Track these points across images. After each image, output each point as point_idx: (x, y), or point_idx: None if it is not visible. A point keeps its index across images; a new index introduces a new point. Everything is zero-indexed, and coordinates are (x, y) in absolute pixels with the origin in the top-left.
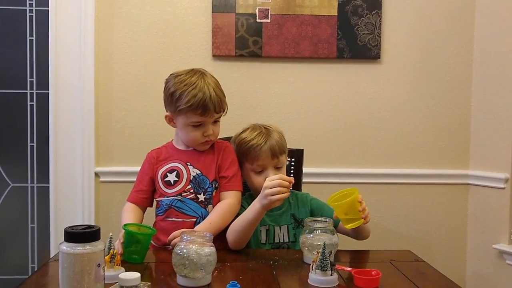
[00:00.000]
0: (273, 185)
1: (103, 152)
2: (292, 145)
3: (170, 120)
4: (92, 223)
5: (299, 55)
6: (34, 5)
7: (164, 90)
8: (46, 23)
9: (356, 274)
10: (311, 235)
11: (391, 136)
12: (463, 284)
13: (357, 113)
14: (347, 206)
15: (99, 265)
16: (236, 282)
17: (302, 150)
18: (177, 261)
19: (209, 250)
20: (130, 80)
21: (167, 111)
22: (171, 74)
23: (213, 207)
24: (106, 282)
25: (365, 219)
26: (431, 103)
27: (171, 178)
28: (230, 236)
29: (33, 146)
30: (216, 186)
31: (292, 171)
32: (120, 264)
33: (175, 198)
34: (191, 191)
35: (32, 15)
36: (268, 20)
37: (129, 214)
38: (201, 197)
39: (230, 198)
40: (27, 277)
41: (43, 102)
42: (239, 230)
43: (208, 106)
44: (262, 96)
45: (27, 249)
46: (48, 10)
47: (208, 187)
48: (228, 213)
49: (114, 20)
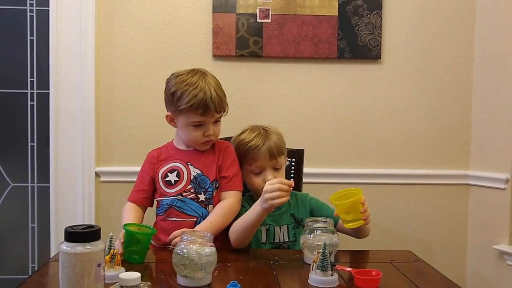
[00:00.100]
0: (272, 189)
1: (103, 152)
2: (292, 145)
3: (171, 120)
4: (93, 223)
5: (300, 55)
6: (34, 5)
7: (165, 90)
8: (46, 23)
9: (357, 275)
10: (312, 235)
11: (391, 137)
12: (463, 284)
13: (357, 113)
14: (349, 206)
15: (99, 265)
16: (236, 282)
17: (303, 150)
18: (177, 261)
19: (209, 250)
20: (130, 80)
21: (168, 111)
22: (172, 74)
23: (213, 207)
24: (106, 282)
25: (365, 221)
26: (432, 103)
27: (172, 178)
28: (233, 236)
29: (33, 146)
30: (217, 186)
31: (292, 171)
32: (120, 264)
33: (175, 198)
34: (192, 191)
35: (33, 15)
36: (269, 20)
37: (129, 214)
38: (201, 197)
39: (230, 198)
40: (27, 277)
41: (44, 102)
42: (241, 231)
43: (209, 106)
44: (263, 96)
45: (27, 248)
46: (48, 10)
47: (209, 187)
48: (229, 213)
49: (115, 20)
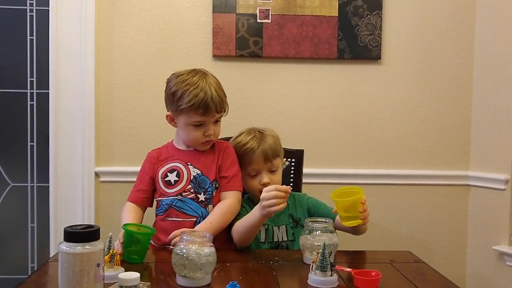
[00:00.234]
0: (269, 196)
1: (103, 152)
2: (292, 145)
3: (171, 120)
4: (92, 223)
5: (300, 55)
6: (34, 4)
7: (165, 90)
8: (46, 23)
9: (356, 275)
10: (311, 236)
11: (391, 137)
12: (463, 285)
13: (357, 113)
14: (349, 204)
15: (98, 265)
16: (235, 283)
17: (302, 150)
18: (176, 261)
19: (208, 250)
20: (130, 80)
21: (168, 111)
22: (173, 74)
23: (213, 207)
24: (105, 282)
25: (363, 220)
26: (432, 104)
27: (172, 178)
28: (235, 236)
29: (33, 145)
30: (217, 186)
31: (292, 171)
32: (120, 264)
33: (175, 198)
34: (192, 191)
35: (33, 15)
36: (269, 21)
37: (129, 214)
38: (201, 197)
39: (230, 198)
40: (26, 276)
41: (43, 101)
42: (242, 232)
43: (210, 106)
44: (263, 96)
45: (26, 248)
46: (48, 9)
47: (209, 187)
48: (228, 213)
49: (115, 20)
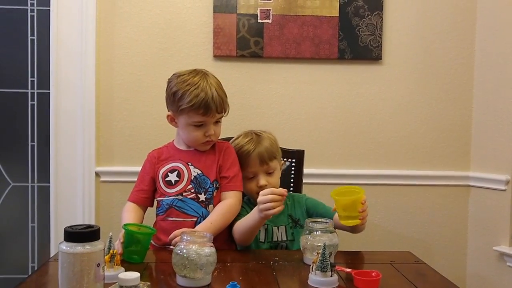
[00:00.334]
0: (265, 200)
1: (103, 152)
2: (292, 145)
3: (172, 120)
4: (92, 223)
5: (300, 56)
6: (35, 4)
7: (166, 90)
8: (47, 23)
9: (356, 275)
10: (311, 236)
11: (392, 137)
12: (463, 286)
13: (358, 114)
14: (348, 203)
15: (98, 264)
16: (236, 283)
17: (303, 151)
18: (177, 261)
19: (209, 250)
20: (131, 80)
21: (169, 111)
22: (174, 74)
23: (214, 207)
24: (105, 282)
25: (361, 220)
26: (432, 104)
27: (172, 178)
28: (235, 235)
29: (33, 145)
30: (217, 186)
31: (292, 172)
32: (120, 264)
33: (175, 197)
34: (192, 191)
35: (34, 15)
36: (270, 21)
37: (129, 214)
38: (201, 197)
39: (231, 198)
40: (27, 276)
41: (44, 101)
42: (242, 232)
43: (210, 106)
44: (263, 96)
45: (27, 248)
46: (49, 9)
47: (209, 187)
48: (229, 213)
49: (115, 20)
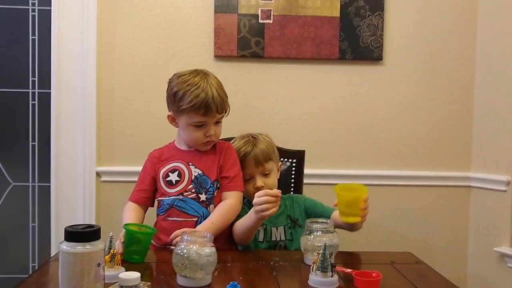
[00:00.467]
0: (260, 202)
1: (104, 151)
2: (293, 146)
3: (173, 120)
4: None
5: (301, 56)
6: (36, 4)
7: (167, 90)
8: (48, 23)
9: (357, 276)
10: (312, 236)
11: (392, 138)
12: (464, 286)
13: (358, 114)
14: (351, 199)
15: (99, 264)
16: (236, 283)
17: (304, 151)
18: (177, 261)
19: (209, 250)
20: (132, 80)
21: (169, 111)
22: (175, 74)
23: (214, 207)
24: (106, 282)
25: (362, 218)
26: (433, 105)
27: (173, 177)
28: (235, 236)
29: (34, 145)
30: (218, 186)
31: (293, 172)
32: (120, 263)
33: (176, 197)
34: (193, 191)
35: (35, 15)
36: (270, 21)
37: (130, 213)
38: (202, 197)
39: (231, 198)
40: (27, 276)
41: (45, 101)
42: (241, 233)
43: (211, 107)
44: (264, 97)
45: (27, 248)
46: (50, 9)
47: (210, 187)
48: (230, 213)
49: (117, 20)
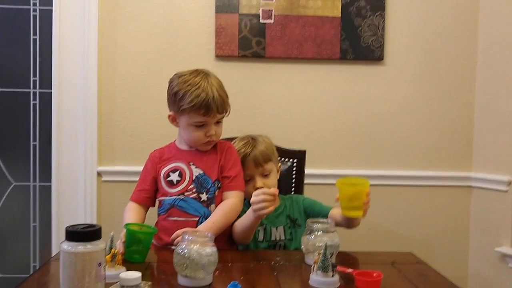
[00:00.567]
0: (257, 200)
1: (105, 151)
2: (294, 146)
3: (173, 120)
4: (94, 223)
5: (302, 56)
6: (38, 4)
7: (167, 90)
8: (49, 23)
9: (358, 276)
10: (313, 236)
11: (393, 138)
12: (465, 286)
13: (359, 114)
14: (353, 193)
15: (100, 264)
16: (237, 283)
17: (305, 151)
18: (178, 261)
19: (210, 250)
20: (133, 80)
21: (170, 111)
22: (175, 74)
23: (215, 206)
24: (107, 282)
25: (364, 212)
26: (434, 105)
27: (174, 177)
28: (234, 235)
29: (35, 145)
30: (219, 186)
31: (294, 172)
32: (121, 263)
33: (177, 197)
34: (194, 190)
35: (36, 15)
36: (272, 21)
37: (131, 213)
38: (203, 196)
39: (232, 198)
40: (28, 275)
41: (46, 101)
42: (240, 232)
43: (211, 107)
44: (265, 97)
45: (29, 247)
46: (52, 9)
47: (211, 186)
48: (231, 213)
49: (118, 20)
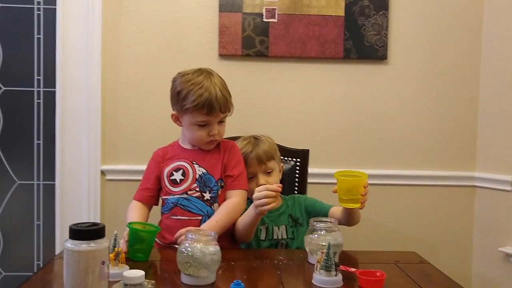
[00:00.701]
0: (260, 196)
1: (109, 150)
2: (297, 145)
3: (176, 119)
4: (98, 221)
5: (306, 55)
6: (42, 3)
7: (171, 89)
8: (53, 22)
9: (361, 275)
10: (316, 236)
11: (397, 137)
12: (468, 286)
13: (363, 113)
14: (351, 185)
15: (103, 262)
16: (240, 282)
17: (308, 150)
18: (181, 259)
19: (213, 249)
20: (136, 78)
21: (173, 110)
22: (178, 73)
23: (218, 205)
24: (110, 280)
25: (362, 204)
26: (438, 104)
27: (177, 176)
28: (236, 233)
29: (39, 143)
30: (222, 185)
31: (297, 171)
32: (125, 262)
33: (180, 196)
34: (197, 189)
35: (40, 14)
36: (275, 20)
37: (134, 212)
38: (206, 195)
39: (236, 196)
40: (32, 273)
41: (50, 100)
42: (241, 229)
43: (214, 106)
44: (268, 96)
45: (32, 246)
46: (55, 8)
47: (214, 185)
48: (234, 211)
49: (121, 18)
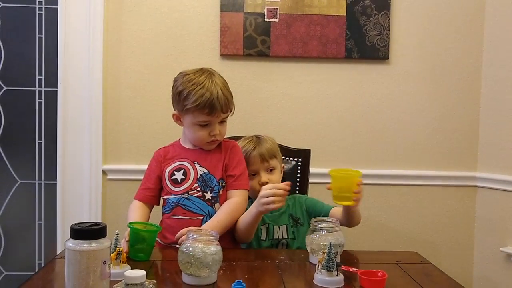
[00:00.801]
0: (267, 194)
1: (110, 150)
2: (299, 145)
3: (177, 119)
4: (99, 221)
5: (307, 55)
6: (43, 3)
7: (172, 89)
8: (55, 21)
9: (362, 275)
10: (317, 236)
11: (398, 137)
12: (470, 286)
13: (364, 113)
14: (344, 182)
15: (104, 262)
16: (241, 281)
17: (309, 150)
18: (183, 259)
19: (215, 248)
20: (138, 78)
21: (174, 110)
22: (180, 73)
23: (220, 205)
24: (111, 280)
25: (355, 202)
26: (440, 104)
27: (178, 176)
28: (236, 232)
29: (41, 143)
30: (223, 184)
31: (299, 171)
32: (126, 261)
33: (182, 196)
34: (198, 189)
35: (42, 13)
36: (277, 20)
37: (135, 212)
38: (208, 195)
39: (237, 196)
40: (33, 273)
41: (52, 99)
42: (242, 228)
43: (215, 106)
44: (270, 95)
45: (34, 245)
46: (57, 8)
47: (215, 185)
48: (235, 211)
49: (123, 18)
